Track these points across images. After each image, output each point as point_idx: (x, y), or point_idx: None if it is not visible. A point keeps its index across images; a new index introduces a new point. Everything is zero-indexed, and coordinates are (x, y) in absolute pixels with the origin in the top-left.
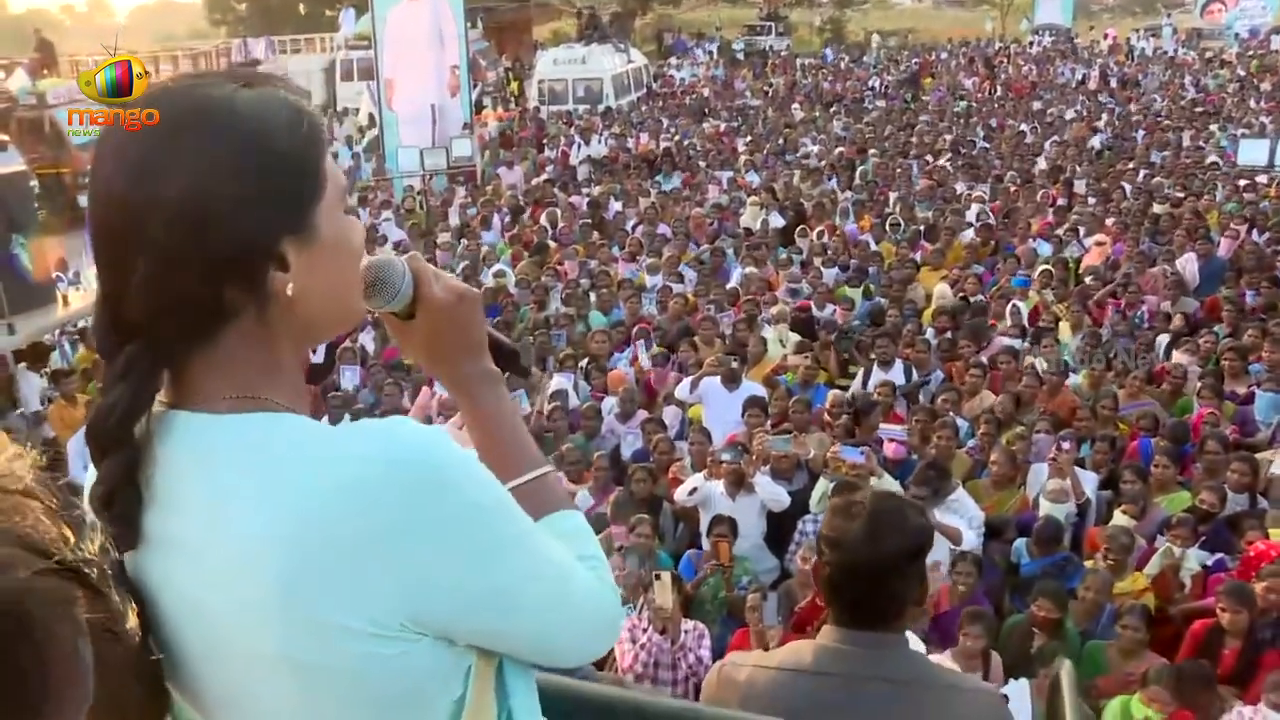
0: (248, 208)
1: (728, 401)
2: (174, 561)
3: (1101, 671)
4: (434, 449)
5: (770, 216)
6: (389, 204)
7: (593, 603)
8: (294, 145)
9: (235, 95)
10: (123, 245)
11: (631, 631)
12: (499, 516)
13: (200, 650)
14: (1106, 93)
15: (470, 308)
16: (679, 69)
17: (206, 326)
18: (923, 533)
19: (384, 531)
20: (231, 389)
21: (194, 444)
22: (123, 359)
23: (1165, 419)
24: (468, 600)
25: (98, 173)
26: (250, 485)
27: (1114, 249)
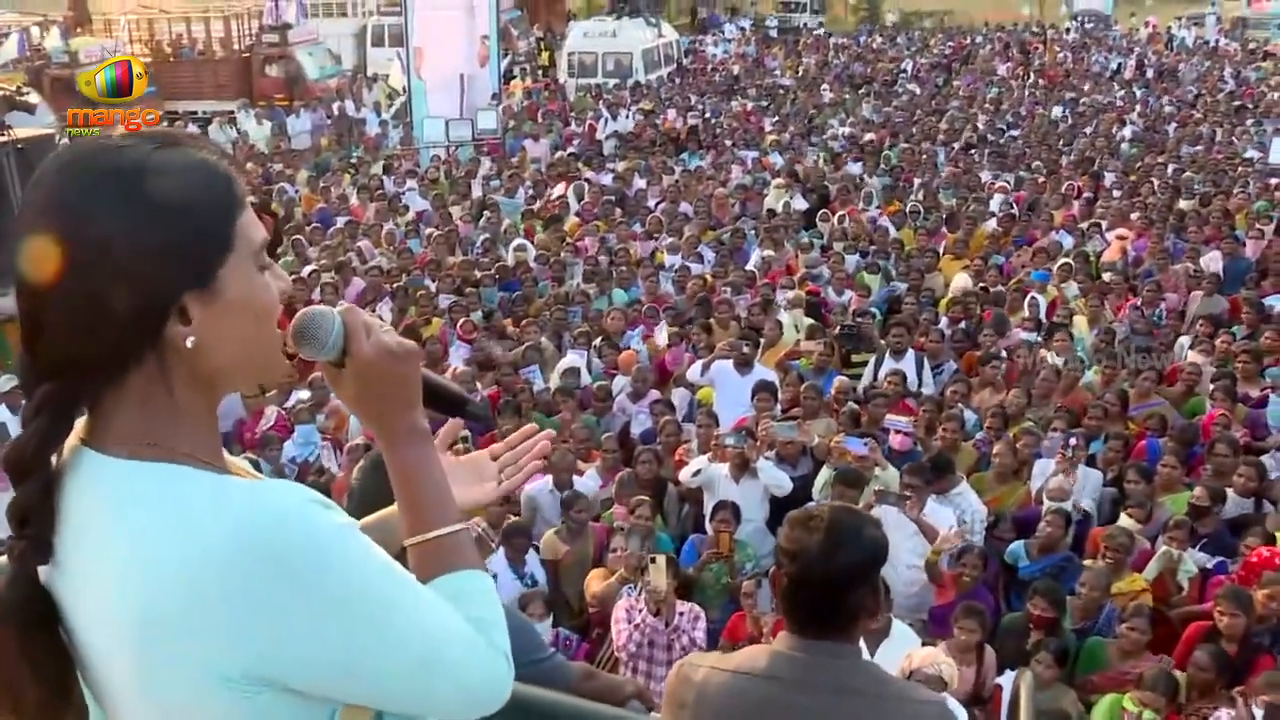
0: (148, 262)
1: (739, 385)
2: (70, 585)
3: (1099, 668)
4: (295, 521)
5: (793, 199)
6: (414, 173)
7: (469, 668)
8: (200, 204)
9: (150, 155)
10: (36, 286)
11: (628, 612)
12: (361, 585)
13: (93, 670)
14: (1141, 83)
15: (402, 364)
16: (713, 45)
17: (111, 373)
18: (878, 546)
19: (236, 595)
20: (136, 433)
21: (92, 484)
22: (38, 397)
23: (1175, 419)
24: (317, 666)
25: (23, 215)
26: (124, 536)
27: (1136, 245)
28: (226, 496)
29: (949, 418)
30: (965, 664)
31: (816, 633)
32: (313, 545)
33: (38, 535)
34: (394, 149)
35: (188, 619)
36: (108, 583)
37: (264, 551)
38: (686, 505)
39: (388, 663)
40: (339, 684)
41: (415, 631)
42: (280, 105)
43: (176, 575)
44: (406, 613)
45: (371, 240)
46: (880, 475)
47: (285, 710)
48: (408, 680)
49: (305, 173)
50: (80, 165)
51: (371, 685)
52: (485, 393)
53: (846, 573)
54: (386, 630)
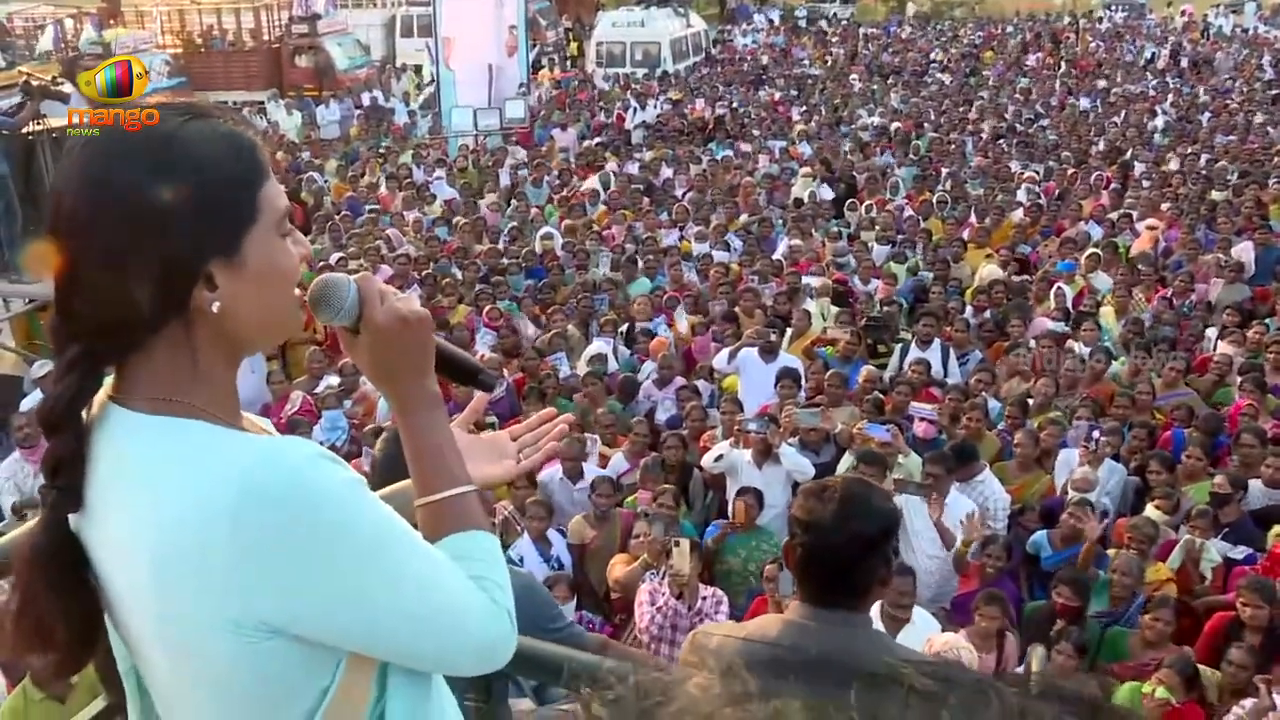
0: (177, 230)
1: (764, 372)
2: (97, 532)
3: (1122, 658)
4: (305, 473)
5: (820, 189)
6: (443, 162)
7: (472, 624)
8: (229, 175)
9: (181, 126)
10: (70, 254)
11: (651, 595)
12: (364, 537)
13: (120, 611)
14: (1175, 72)
15: (414, 331)
16: (741, 35)
17: (139, 335)
18: (889, 516)
19: (245, 544)
20: (157, 391)
21: (117, 435)
22: (68, 356)
23: (1201, 410)
24: (323, 615)
25: (57, 185)
26: (143, 485)
27: (1167, 235)
28: (239, 449)
29: (973, 406)
30: (986, 650)
31: (829, 601)
32: (321, 498)
33: (69, 484)
34: (422, 138)
35: (199, 566)
36: (128, 529)
37: (273, 502)
38: (711, 492)
39: (391, 614)
40: (344, 633)
41: (419, 585)
42: (310, 95)
43: (188, 523)
44: (411, 567)
45: (399, 228)
46: (903, 462)
47: (292, 657)
48: (411, 632)
49: (334, 162)
50: (112, 136)
51: (376, 636)
52: (511, 379)
53: (859, 542)
54: (391, 582)
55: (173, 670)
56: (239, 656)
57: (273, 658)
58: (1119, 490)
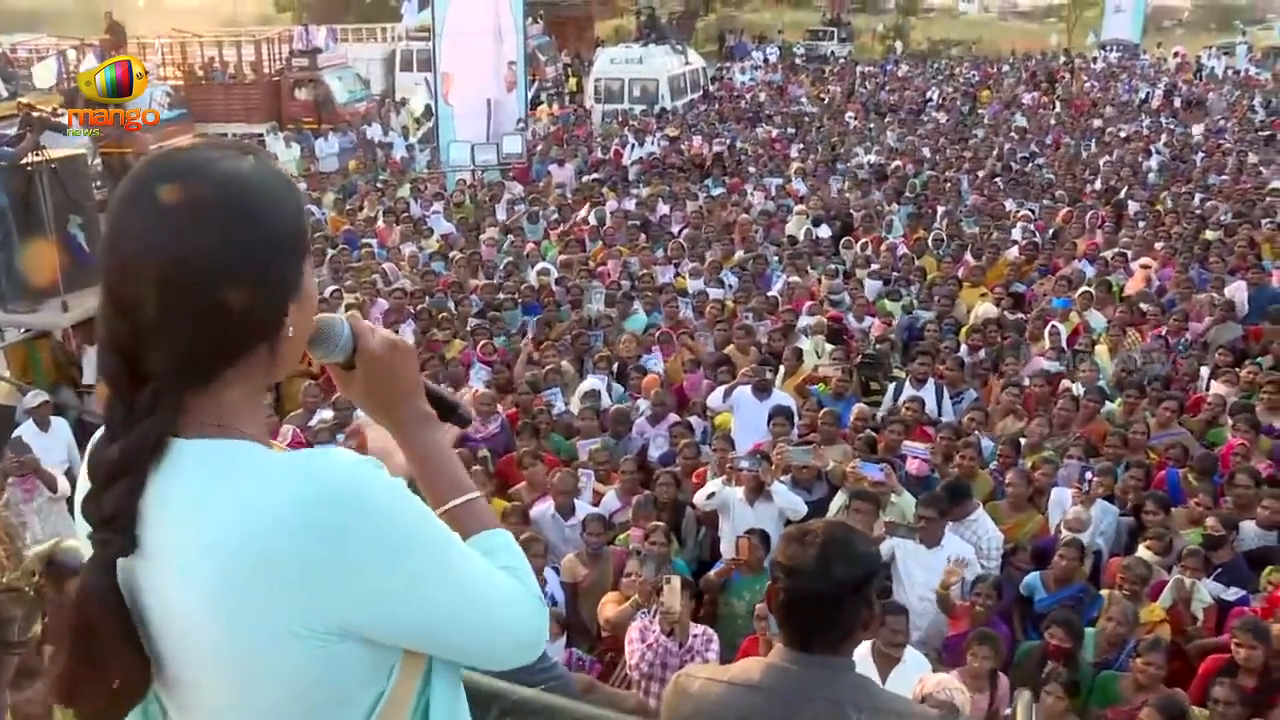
0: (277, 266)
1: (757, 410)
2: (149, 566)
3: (1113, 702)
4: (361, 477)
5: (817, 227)
6: (440, 196)
7: (513, 609)
8: (295, 208)
9: (254, 170)
10: (153, 304)
11: (641, 633)
12: (421, 535)
13: (167, 643)
14: (1169, 112)
15: (403, 358)
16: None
17: (219, 370)
18: (871, 562)
19: (314, 550)
20: (210, 418)
21: (172, 464)
22: (146, 400)
23: (1195, 450)
24: (391, 613)
25: (126, 235)
26: (206, 503)
27: (1160, 274)
28: (289, 461)
29: (966, 445)
30: (978, 690)
31: (811, 646)
32: (379, 499)
33: (124, 529)
34: (420, 173)
35: (272, 576)
36: (188, 554)
37: (338, 507)
38: (703, 529)
39: (451, 608)
40: (409, 630)
41: (471, 579)
42: (309, 128)
43: (258, 536)
44: (461, 562)
45: (395, 262)
46: (895, 501)
47: (356, 661)
48: (468, 625)
49: (332, 195)
50: (190, 175)
51: (438, 630)
52: (505, 414)
53: (840, 587)
54: (448, 577)
55: (237, 690)
56: (310, 662)
57: (340, 662)
58: (1112, 531)
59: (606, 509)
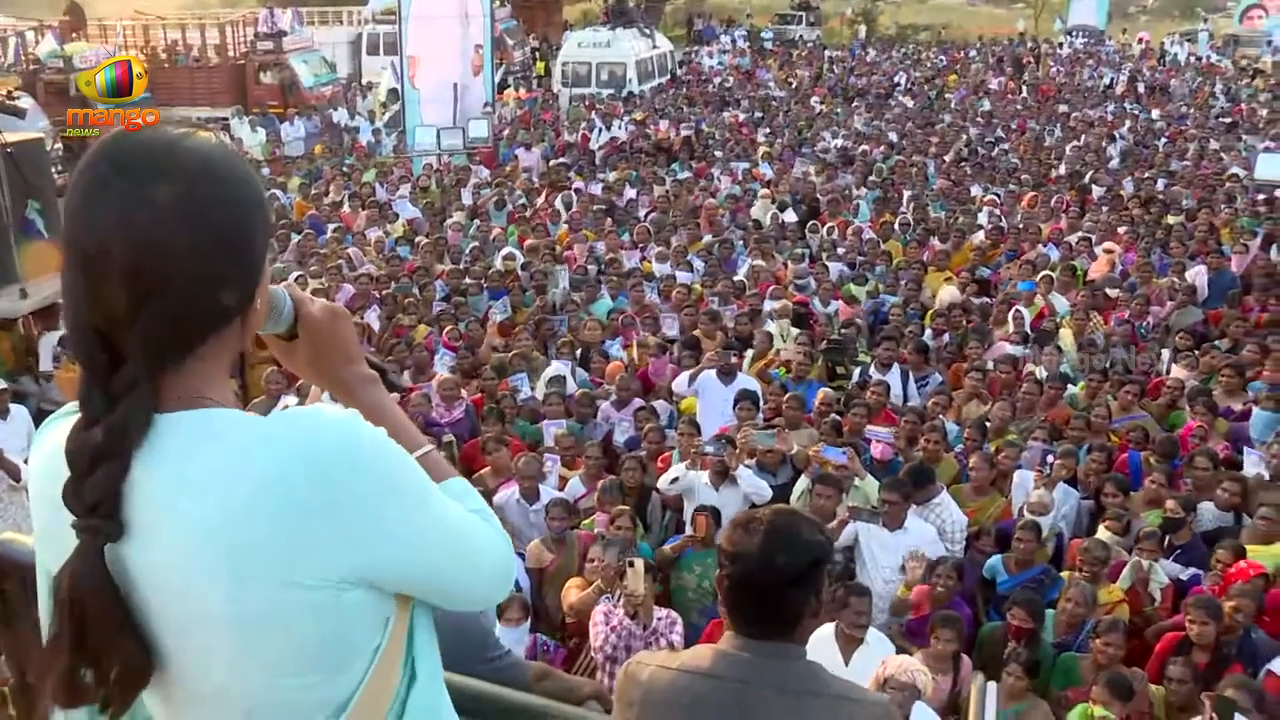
0: (251, 245)
1: (723, 395)
2: (138, 547)
3: (1074, 683)
4: (354, 428)
5: (783, 211)
6: (407, 179)
7: (490, 547)
8: (258, 184)
9: (214, 147)
10: (130, 286)
11: (606, 615)
12: (415, 480)
13: (164, 624)
14: (1133, 98)
15: (344, 323)
16: (708, 56)
17: (196, 345)
18: (818, 548)
19: (321, 499)
20: (188, 391)
21: (155, 441)
22: (126, 378)
23: (1157, 433)
24: (398, 557)
25: (96, 219)
26: (196, 472)
27: (1124, 258)
28: (283, 421)
29: (931, 429)
30: (941, 673)
31: (758, 633)
32: (367, 446)
33: (111, 513)
34: (386, 157)
35: (279, 532)
36: (186, 524)
37: (341, 458)
38: (669, 513)
39: (443, 547)
40: (411, 569)
41: (453, 520)
42: (274, 112)
43: (266, 493)
44: (445, 506)
45: (361, 247)
46: (860, 485)
47: (365, 608)
48: (457, 563)
49: (297, 179)
50: (163, 158)
51: (433, 569)
52: (470, 399)
53: (785, 575)
54: (439, 518)
55: (240, 655)
56: (321, 615)
57: (349, 612)
58: (1073, 514)
59: (572, 494)
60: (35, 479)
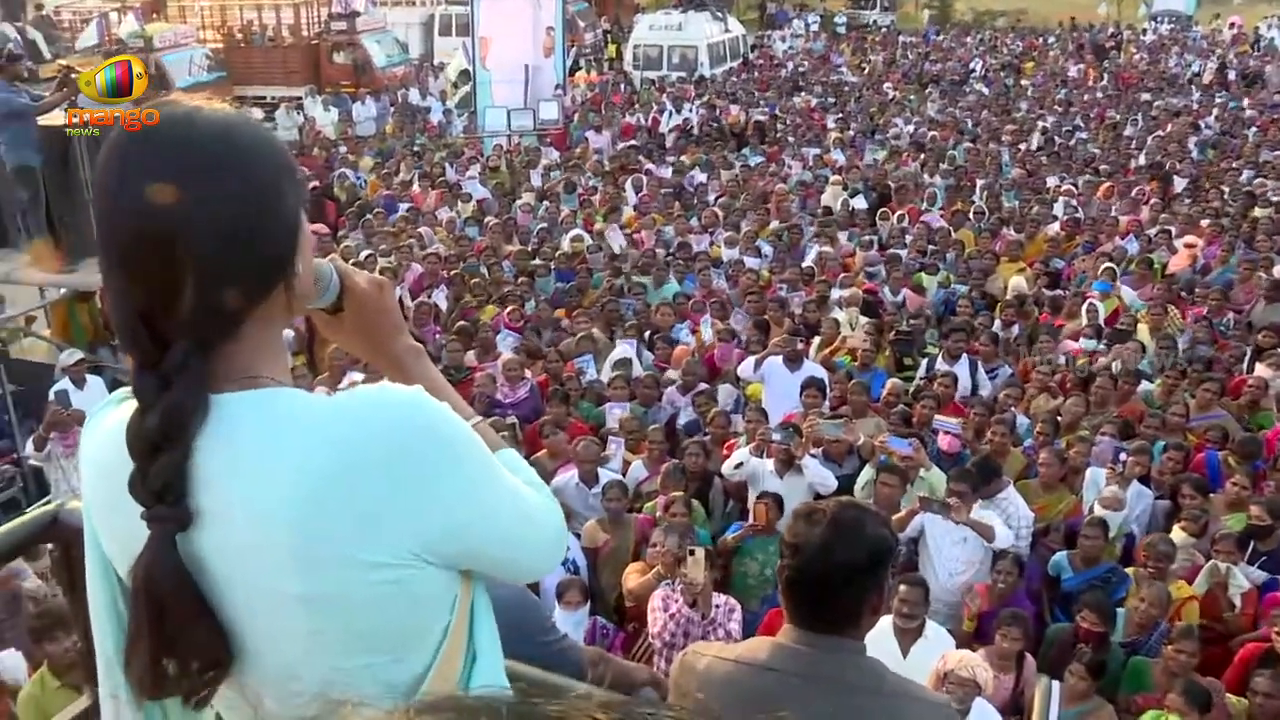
0: (286, 213)
1: (789, 381)
2: (207, 531)
3: (1145, 689)
4: (421, 403)
5: (853, 197)
6: (477, 161)
7: (547, 516)
8: (282, 146)
9: (235, 115)
10: (169, 258)
11: (664, 602)
12: (479, 452)
13: (234, 603)
14: (1220, 86)
15: (389, 294)
16: (780, 40)
17: (242, 322)
18: (881, 543)
19: (388, 475)
20: (242, 372)
21: (212, 423)
22: (175, 360)
23: (1236, 433)
24: (466, 528)
25: (133, 200)
26: (260, 453)
27: (1206, 252)
28: (338, 401)
29: (999, 421)
30: (1004, 671)
31: (818, 626)
32: (434, 420)
33: (178, 500)
34: (457, 138)
35: (351, 509)
36: (257, 506)
37: (406, 432)
38: (730, 500)
39: (507, 520)
40: (481, 541)
41: (514, 490)
42: (347, 92)
43: (330, 473)
44: (504, 476)
45: (429, 226)
46: (925, 476)
47: (430, 588)
48: (521, 532)
49: (369, 159)
50: (189, 131)
51: (500, 539)
52: (534, 380)
53: (846, 569)
54: (503, 488)
55: (311, 636)
56: (388, 593)
57: (420, 589)
58: (1147, 515)
59: (634, 478)
60: (91, 462)
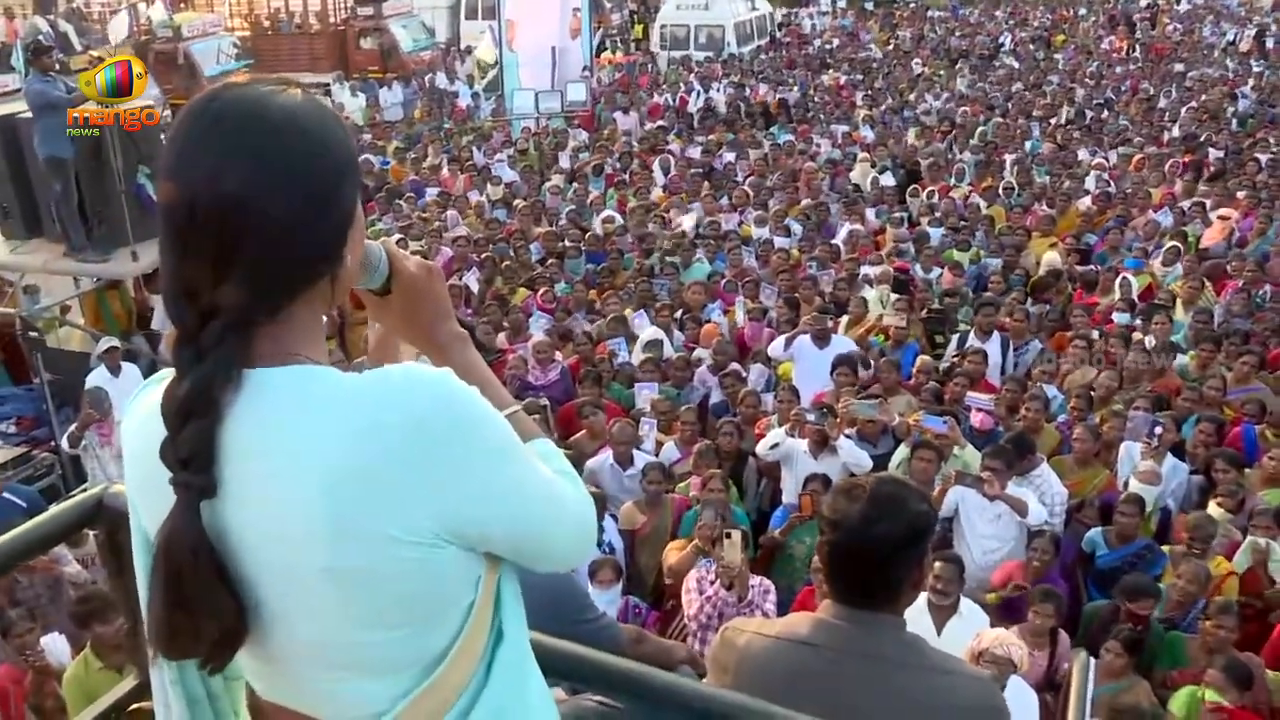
0: (341, 202)
1: (819, 359)
2: (234, 502)
3: (1181, 664)
4: (451, 385)
5: (882, 174)
6: (507, 143)
7: (576, 506)
8: (345, 136)
9: (302, 100)
10: (221, 238)
11: (699, 583)
12: (506, 438)
13: (260, 575)
14: (1259, 55)
15: (438, 279)
16: (808, 18)
17: (287, 302)
18: (921, 518)
19: (415, 455)
20: (281, 348)
21: (249, 398)
22: (212, 335)
23: (1276, 406)
24: (491, 514)
25: (191, 173)
26: (291, 428)
27: (1241, 225)
28: (379, 377)
29: (1032, 397)
30: (1038, 648)
31: (858, 602)
32: (466, 404)
33: (204, 470)
34: (485, 121)
35: (377, 486)
36: (284, 479)
37: (434, 413)
38: (764, 480)
39: (533, 508)
40: (507, 525)
41: (544, 478)
42: (374, 77)
43: (358, 450)
44: (535, 463)
45: (459, 210)
46: (959, 454)
47: (455, 568)
48: (550, 520)
49: (395, 144)
50: (253, 107)
51: (527, 526)
52: (566, 362)
53: (886, 544)
54: (533, 475)
55: (336, 608)
56: (417, 570)
57: (444, 568)
58: (1182, 490)
59: (667, 458)
60: (131, 437)
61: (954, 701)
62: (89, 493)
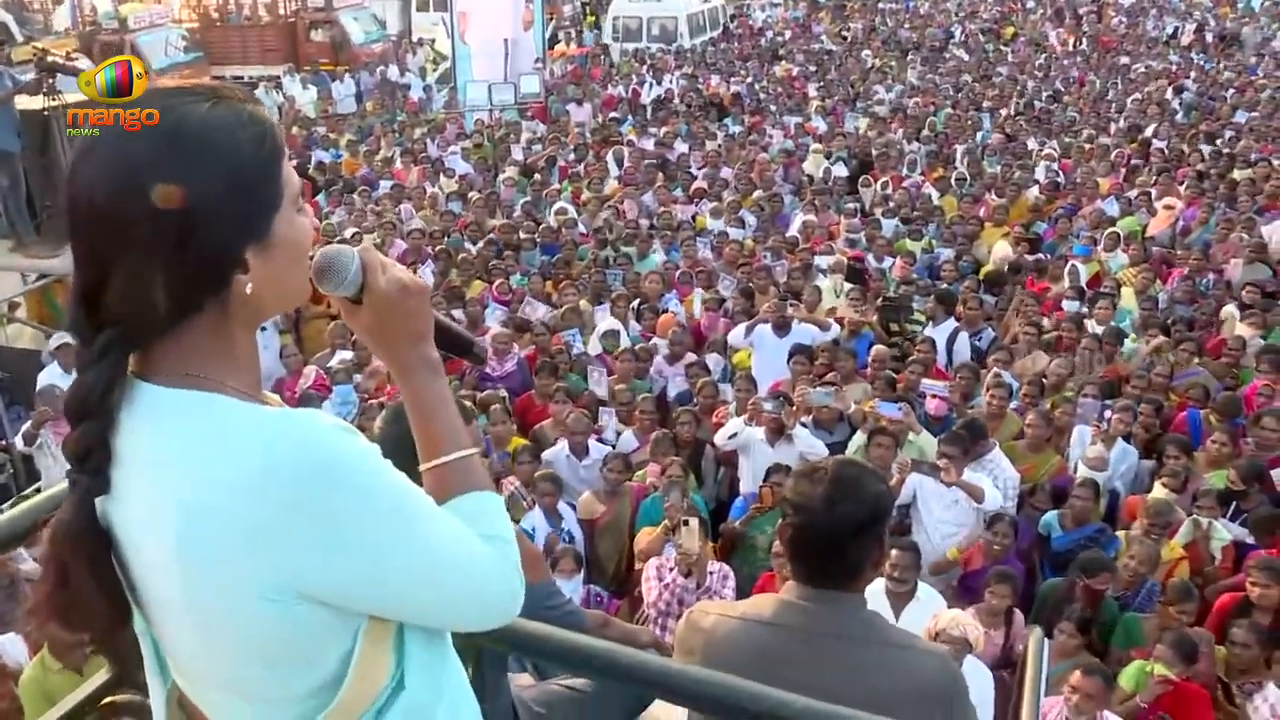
0: (222, 221)
1: (777, 348)
2: (122, 508)
3: (1137, 644)
4: (326, 443)
5: (834, 165)
6: (461, 136)
7: (484, 580)
8: (259, 160)
9: (209, 114)
10: (105, 245)
11: (658, 570)
12: (385, 504)
13: (141, 584)
14: (1200, 48)
15: (415, 299)
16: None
17: (174, 320)
18: (880, 500)
19: (272, 515)
20: (186, 367)
21: (141, 412)
22: (100, 344)
23: (1216, 390)
24: (346, 578)
25: (81, 176)
26: (171, 457)
27: (1186, 214)
28: (260, 422)
29: (997, 384)
30: (994, 628)
31: (820, 582)
32: (342, 467)
33: (97, 469)
34: (438, 113)
35: (229, 536)
36: (155, 504)
37: (297, 472)
38: (722, 469)
39: (410, 574)
40: (365, 595)
41: (434, 545)
42: (325, 70)
43: (216, 497)
44: (425, 528)
45: (413, 203)
46: (914, 440)
47: (318, 622)
48: (427, 591)
49: (347, 137)
50: (133, 131)
51: (395, 596)
52: (523, 354)
53: (848, 524)
54: (408, 544)
55: (200, 638)
56: (268, 621)
57: (299, 623)
58: (1131, 473)
59: (625, 448)
60: None
61: (914, 675)
62: (60, 488)
